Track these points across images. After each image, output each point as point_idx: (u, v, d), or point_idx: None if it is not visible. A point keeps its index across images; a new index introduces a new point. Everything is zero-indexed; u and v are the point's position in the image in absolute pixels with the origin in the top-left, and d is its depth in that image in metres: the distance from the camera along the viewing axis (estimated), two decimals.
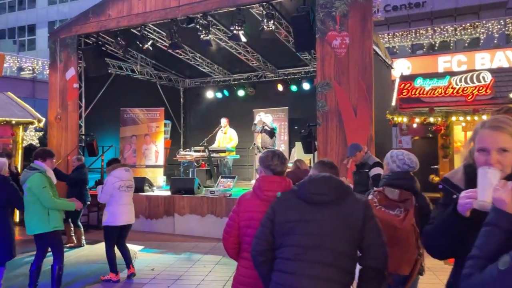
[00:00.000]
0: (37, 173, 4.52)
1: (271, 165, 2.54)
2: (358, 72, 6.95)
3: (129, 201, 5.45)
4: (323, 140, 7.18)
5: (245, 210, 2.51)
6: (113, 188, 5.21)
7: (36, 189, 4.45)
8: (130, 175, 5.49)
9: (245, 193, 2.62)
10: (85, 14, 9.89)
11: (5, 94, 11.37)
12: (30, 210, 4.54)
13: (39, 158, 4.68)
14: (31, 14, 33.96)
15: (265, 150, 2.65)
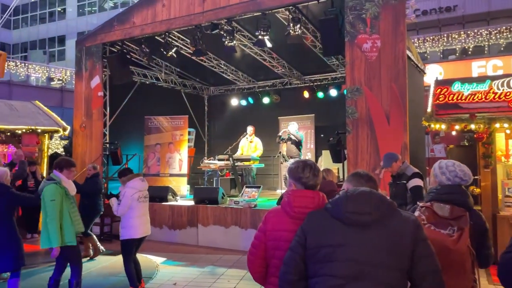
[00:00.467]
0: (51, 184, 4.37)
1: (302, 177, 2.23)
2: (391, 77, 6.57)
3: (146, 211, 5.25)
4: (353, 148, 6.81)
5: (273, 229, 2.20)
6: (132, 199, 5.00)
7: (45, 201, 4.33)
8: (146, 185, 5.31)
9: (273, 209, 2.31)
10: (110, 22, 9.89)
11: (32, 102, 11.49)
12: (43, 221, 4.40)
13: (56, 168, 4.55)
14: (61, 25, 34.92)
15: (295, 160, 2.34)
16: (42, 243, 4.38)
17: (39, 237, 4.61)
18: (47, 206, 4.31)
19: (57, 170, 4.52)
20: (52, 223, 4.27)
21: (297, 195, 2.19)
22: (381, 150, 6.56)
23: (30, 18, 36.88)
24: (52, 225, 4.27)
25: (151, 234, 8.64)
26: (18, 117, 9.67)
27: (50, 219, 4.27)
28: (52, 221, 4.27)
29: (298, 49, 10.12)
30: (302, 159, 2.38)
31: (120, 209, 4.95)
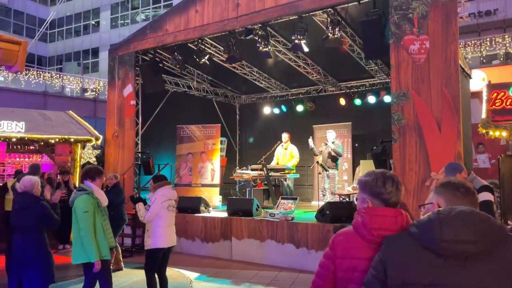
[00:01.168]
0: (84, 194, 4.12)
1: (383, 193, 1.80)
2: (441, 80, 6.05)
3: (173, 221, 4.97)
4: (400, 158, 6.30)
5: (344, 256, 1.78)
6: (162, 207, 4.71)
7: (77, 212, 4.07)
8: (175, 194, 5.02)
9: (342, 231, 1.88)
10: (142, 31, 9.79)
11: (66, 112, 11.52)
12: (75, 235, 4.11)
13: (87, 178, 4.29)
14: (94, 38, 35.78)
15: (371, 171, 1.92)
16: (74, 258, 4.12)
17: (71, 248, 4.37)
18: (80, 219, 4.05)
19: (89, 180, 4.27)
20: (87, 237, 4.01)
21: (376, 215, 1.77)
22: (432, 159, 6.04)
23: (65, 31, 38.01)
24: (87, 238, 4.01)
25: (183, 247, 8.44)
26: (52, 126, 9.65)
27: (84, 232, 4.02)
28: (87, 235, 4.01)
29: (335, 54, 9.72)
30: (378, 170, 1.92)
31: (148, 215, 4.66)
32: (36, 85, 20.67)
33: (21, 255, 4.18)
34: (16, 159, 9.46)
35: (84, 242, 4.01)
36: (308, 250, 6.87)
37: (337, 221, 6.87)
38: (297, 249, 6.98)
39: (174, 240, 4.93)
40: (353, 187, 8.76)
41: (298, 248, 6.97)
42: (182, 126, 10.63)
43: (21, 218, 4.22)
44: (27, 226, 4.21)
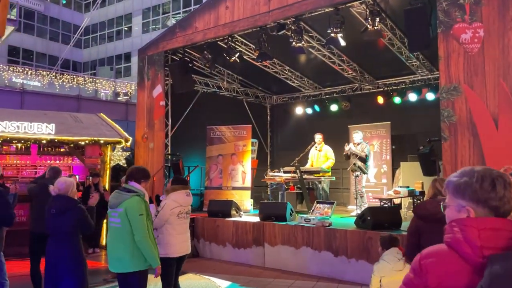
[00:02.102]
0: (135, 196, 3.67)
1: (492, 198, 1.32)
2: (498, 72, 5.42)
3: (186, 229, 4.50)
4: (451, 159, 5.69)
5: (440, 285, 1.32)
6: (172, 214, 4.30)
7: (132, 215, 3.59)
8: (190, 200, 4.53)
9: (432, 251, 1.38)
10: (171, 30, 9.56)
11: (97, 115, 11.45)
12: (119, 241, 3.64)
13: (132, 179, 3.82)
14: (127, 43, 36.36)
15: (467, 169, 1.42)
16: (121, 267, 3.64)
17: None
18: (137, 222, 3.59)
19: (134, 181, 3.80)
20: (145, 241, 3.60)
21: (487, 228, 1.29)
22: (488, 160, 5.41)
23: (99, 37, 38.84)
24: (146, 242, 3.60)
25: (214, 253, 8.08)
26: (82, 128, 9.55)
27: (142, 235, 3.58)
28: (145, 238, 3.60)
29: (372, 49, 9.18)
30: (480, 167, 1.41)
31: (156, 222, 4.25)
32: (70, 89, 21.02)
33: (57, 262, 3.91)
34: (47, 162, 9.39)
35: (142, 247, 3.59)
36: (348, 259, 6.35)
37: (379, 227, 6.34)
38: (335, 258, 6.47)
39: (187, 249, 4.45)
40: (395, 191, 8.15)
41: (336, 257, 6.47)
42: (212, 127, 10.33)
43: (58, 223, 3.95)
44: (64, 231, 3.95)
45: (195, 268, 7.18)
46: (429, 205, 2.80)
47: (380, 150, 10.44)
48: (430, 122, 9.80)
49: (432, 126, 9.53)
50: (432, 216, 2.72)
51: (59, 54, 32.85)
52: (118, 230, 3.65)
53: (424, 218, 2.77)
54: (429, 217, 2.74)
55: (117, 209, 3.67)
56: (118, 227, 3.66)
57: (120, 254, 3.63)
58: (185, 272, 6.80)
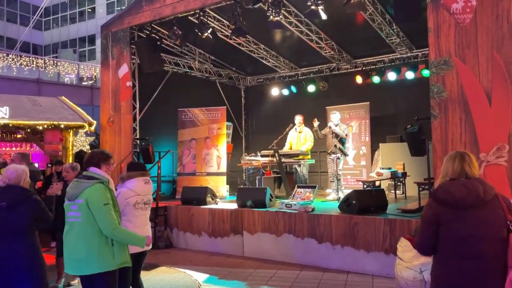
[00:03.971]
0: (98, 183, 3.10)
1: None
2: (492, 44, 5.09)
3: (146, 221, 3.92)
4: (441, 138, 5.36)
5: None
6: (126, 204, 3.73)
7: (95, 206, 3.03)
8: (149, 189, 3.97)
9: None
10: (137, 3, 8.79)
11: (58, 98, 10.63)
12: (81, 238, 3.05)
13: (90, 164, 3.24)
14: (90, 25, 34.67)
15: None
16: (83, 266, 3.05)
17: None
18: (99, 212, 3.02)
19: (94, 166, 3.23)
20: (118, 230, 3.07)
21: None
22: (481, 139, 5.12)
23: (60, 18, 36.88)
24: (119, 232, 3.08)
25: (189, 243, 7.55)
26: (40, 112, 8.76)
27: (112, 227, 3.03)
28: (117, 228, 3.06)
29: (351, 26, 8.77)
30: None
31: None
32: (29, 72, 19.71)
33: (10, 263, 3.34)
34: (2, 149, 8.56)
35: (118, 237, 3.07)
36: (333, 245, 5.99)
37: (365, 211, 6.00)
38: (319, 245, 6.10)
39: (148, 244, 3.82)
40: (378, 173, 7.86)
41: (320, 244, 6.09)
42: (184, 109, 9.70)
43: (11, 218, 3.37)
44: (17, 228, 3.39)
45: (169, 260, 6.66)
46: (454, 188, 2.33)
47: (359, 131, 10.14)
48: (410, 101, 9.59)
49: (412, 106, 9.31)
50: (458, 202, 2.31)
51: (18, 37, 30.92)
52: (79, 225, 3.07)
53: (448, 203, 2.33)
54: (454, 203, 2.31)
55: (76, 200, 3.07)
56: (79, 221, 3.07)
57: (83, 254, 3.04)
58: (157, 265, 6.29)
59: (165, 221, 7.76)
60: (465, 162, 2.43)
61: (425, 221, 2.42)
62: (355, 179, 9.51)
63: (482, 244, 2.26)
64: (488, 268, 2.25)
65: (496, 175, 4.93)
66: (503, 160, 4.97)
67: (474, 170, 2.43)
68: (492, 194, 2.33)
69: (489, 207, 2.30)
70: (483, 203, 2.29)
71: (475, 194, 2.29)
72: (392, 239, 5.51)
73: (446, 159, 2.55)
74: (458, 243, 2.29)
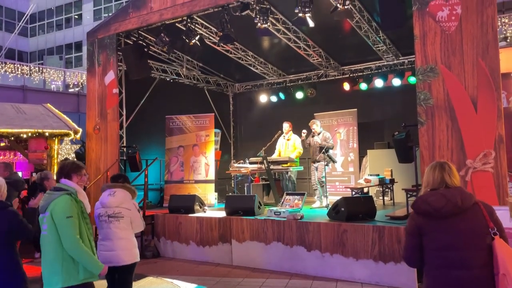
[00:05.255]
0: (64, 195, 3.00)
1: None
2: (477, 51, 5.15)
3: (112, 235, 3.75)
4: (429, 144, 5.39)
5: None
6: (95, 216, 3.74)
7: (57, 218, 2.91)
8: (114, 201, 3.82)
9: None
10: (124, 10, 8.73)
11: (43, 105, 10.46)
12: (48, 251, 2.96)
13: (61, 175, 3.19)
14: (77, 31, 34.39)
15: None
16: (51, 281, 2.94)
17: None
18: (63, 226, 2.91)
19: (65, 178, 3.18)
20: (76, 247, 2.92)
21: None
22: (467, 145, 5.16)
23: (46, 25, 36.53)
24: (77, 249, 2.92)
25: (177, 252, 7.44)
26: (24, 120, 8.59)
27: (71, 242, 2.90)
28: (75, 244, 2.91)
29: (338, 33, 8.85)
30: None
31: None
32: (14, 79, 19.40)
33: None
34: None
35: (75, 254, 2.92)
36: (322, 253, 5.95)
37: (354, 219, 5.98)
38: (308, 253, 6.06)
39: (116, 260, 3.69)
40: (366, 180, 7.87)
41: (309, 252, 6.05)
42: (171, 116, 9.62)
43: None
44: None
45: (156, 270, 6.55)
46: (432, 198, 2.35)
47: (347, 138, 10.16)
48: (397, 108, 9.67)
49: (399, 112, 9.39)
50: (436, 212, 2.32)
51: (3, 43, 30.49)
52: (46, 239, 2.97)
53: (427, 214, 2.34)
54: (434, 213, 2.32)
55: (46, 213, 2.99)
56: (45, 234, 2.97)
57: (48, 269, 2.95)
58: (145, 275, 6.17)
59: (152, 230, 7.64)
60: (445, 171, 2.44)
61: (408, 233, 2.44)
62: (343, 186, 9.51)
63: (465, 253, 2.25)
64: (475, 276, 2.23)
65: (483, 182, 4.96)
66: (489, 167, 5.00)
67: (454, 179, 2.45)
68: (471, 202, 2.34)
69: (469, 215, 2.31)
70: (462, 211, 2.30)
71: (452, 203, 2.30)
72: (381, 246, 5.50)
73: (427, 169, 2.57)
74: (442, 253, 2.29)
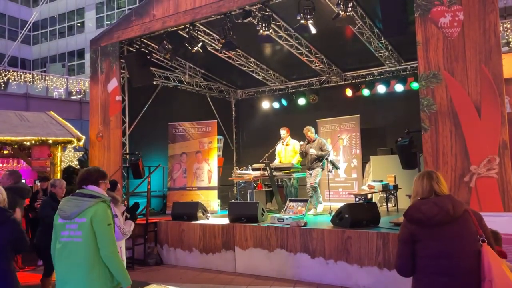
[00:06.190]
0: (101, 202, 2.94)
1: None
2: (480, 57, 5.15)
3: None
4: (432, 150, 5.38)
5: None
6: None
7: (99, 225, 2.87)
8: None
9: None
10: (127, 18, 8.78)
11: (46, 113, 10.47)
12: (80, 258, 2.85)
13: (88, 183, 3.04)
14: (79, 39, 34.59)
15: None
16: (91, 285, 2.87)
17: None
18: (104, 234, 2.87)
19: (92, 184, 3.05)
20: (115, 256, 2.90)
21: None
22: (471, 151, 5.14)
23: (49, 33, 36.75)
24: (115, 258, 2.90)
25: (179, 259, 7.40)
26: (28, 127, 8.61)
27: (112, 250, 2.88)
28: (115, 253, 2.90)
29: (340, 40, 8.87)
30: None
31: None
32: (17, 87, 19.49)
33: None
34: None
35: (111, 263, 2.89)
36: (326, 260, 5.92)
37: (358, 225, 5.95)
38: (312, 260, 6.03)
39: None
40: (369, 186, 7.85)
41: (313, 259, 6.02)
42: (174, 123, 9.63)
43: None
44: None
45: (159, 277, 6.53)
46: (425, 206, 2.39)
47: (349, 144, 10.14)
48: (400, 114, 9.65)
49: (402, 118, 9.37)
50: (429, 220, 2.35)
51: (6, 51, 30.66)
52: (79, 245, 2.86)
53: (420, 223, 2.36)
54: (426, 222, 2.36)
55: (77, 219, 2.88)
56: (78, 241, 2.86)
57: (81, 275, 2.84)
58: (148, 283, 6.16)
59: (155, 237, 7.62)
60: (433, 180, 2.47)
61: (402, 241, 2.46)
62: (347, 192, 9.48)
63: (457, 260, 2.28)
64: (464, 283, 2.27)
65: (487, 188, 4.94)
66: (493, 173, 4.98)
67: (443, 188, 2.48)
68: (462, 210, 2.37)
69: (461, 223, 2.35)
70: (453, 219, 2.33)
71: (444, 211, 2.33)
72: (385, 253, 5.47)
73: (415, 179, 2.61)
74: (434, 261, 2.32)
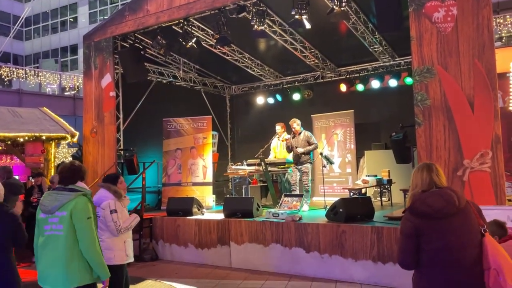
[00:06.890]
0: (81, 195, 3.03)
1: None
2: (473, 52, 5.18)
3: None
4: (426, 145, 5.41)
5: None
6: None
7: (79, 219, 2.95)
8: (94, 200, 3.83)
9: None
10: (120, 13, 8.72)
11: (39, 109, 10.41)
12: (61, 251, 2.93)
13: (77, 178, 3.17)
14: (72, 34, 34.31)
15: None
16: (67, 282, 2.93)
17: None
18: (84, 227, 2.95)
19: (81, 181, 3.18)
20: (93, 249, 2.98)
21: None
22: (464, 145, 5.18)
23: (41, 28, 36.41)
24: (94, 251, 2.98)
25: (175, 255, 7.42)
26: (21, 123, 8.55)
27: (91, 242, 2.97)
28: (93, 246, 2.98)
29: (334, 35, 8.88)
30: None
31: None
32: (10, 83, 19.33)
33: None
34: None
35: (90, 256, 2.96)
36: (321, 254, 5.95)
37: (352, 220, 5.99)
38: (307, 254, 6.06)
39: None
40: (363, 180, 7.89)
41: (308, 253, 6.05)
42: (168, 119, 9.61)
43: None
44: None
45: (155, 273, 6.54)
46: (431, 199, 2.35)
47: (344, 139, 10.18)
48: (394, 109, 9.69)
49: (396, 113, 9.41)
50: (436, 213, 2.33)
51: None
52: (60, 238, 2.95)
53: (426, 216, 2.34)
54: (434, 215, 2.33)
55: (57, 213, 2.97)
56: (59, 235, 2.95)
57: (62, 268, 2.92)
58: (143, 279, 6.17)
59: (151, 233, 7.62)
60: (432, 172, 2.46)
61: (405, 235, 2.40)
62: (341, 187, 9.53)
63: (463, 251, 2.30)
64: (471, 274, 2.28)
65: (480, 181, 4.99)
66: (486, 167, 5.03)
67: (442, 180, 2.47)
68: (464, 201, 2.39)
69: (464, 214, 2.36)
70: (458, 211, 2.34)
71: (451, 203, 2.33)
72: (380, 247, 5.52)
73: (413, 171, 2.59)
74: (440, 253, 2.31)
